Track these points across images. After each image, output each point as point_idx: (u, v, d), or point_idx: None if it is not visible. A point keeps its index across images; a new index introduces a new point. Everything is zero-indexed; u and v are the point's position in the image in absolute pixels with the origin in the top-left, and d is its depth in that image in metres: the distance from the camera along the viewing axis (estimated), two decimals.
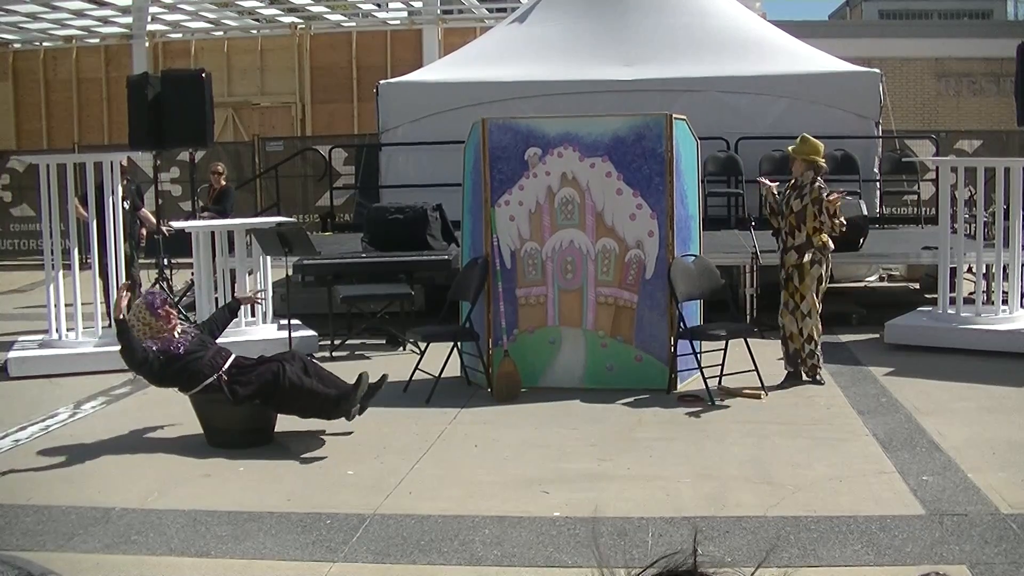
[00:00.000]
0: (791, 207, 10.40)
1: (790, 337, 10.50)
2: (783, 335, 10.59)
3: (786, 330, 10.52)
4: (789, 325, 10.47)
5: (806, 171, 10.42)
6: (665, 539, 6.34)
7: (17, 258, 23.55)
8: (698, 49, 16.81)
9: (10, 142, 27.47)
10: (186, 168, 17.71)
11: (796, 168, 10.53)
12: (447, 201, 13.91)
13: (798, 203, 10.35)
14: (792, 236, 10.40)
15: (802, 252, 10.32)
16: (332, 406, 8.66)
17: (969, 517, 6.67)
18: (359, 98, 26.58)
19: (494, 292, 10.52)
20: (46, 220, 12.11)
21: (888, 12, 62.66)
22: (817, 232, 10.30)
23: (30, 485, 7.80)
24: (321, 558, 6.30)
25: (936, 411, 9.31)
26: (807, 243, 10.30)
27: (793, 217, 10.36)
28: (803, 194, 10.33)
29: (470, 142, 10.81)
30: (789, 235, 10.44)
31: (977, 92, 31.99)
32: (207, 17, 28.83)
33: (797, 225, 10.35)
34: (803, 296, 10.37)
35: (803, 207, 10.30)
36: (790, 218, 10.40)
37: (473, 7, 28.96)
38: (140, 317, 8.70)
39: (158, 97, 13.39)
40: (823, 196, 10.22)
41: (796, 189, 10.44)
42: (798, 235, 10.35)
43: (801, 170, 10.45)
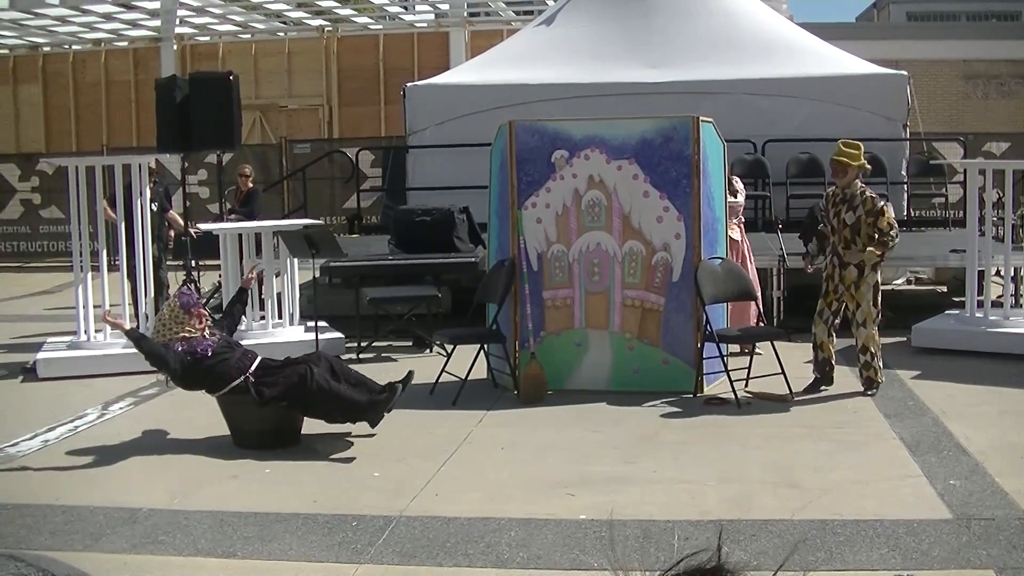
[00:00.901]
0: (843, 220, 9.99)
1: (820, 345, 10.27)
2: (814, 342, 10.38)
3: (817, 338, 10.31)
4: (820, 334, 10.26)
5: (855, 179, 10.04)
6: (691, 542, 6.33)
7: (46, 260, 23.66)
8: (724, 51, 16.77)
9: (40, 144, 27.61)
10: (213, 170, 17.75)
11: (845, 177, 10.01)
12: (474, 203, 13.91)
13: (851, 215, 9.94)
14: (848, 249, 9.98)
15: (862, 267, 9.94)
16: (359, 412, 8.69)
17: (996, 521, 6.64)
18: (386, 100, 26.61)
19: (520, 294, 10.52)
20: (75, 222, 12.17)
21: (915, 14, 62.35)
22: (873, 241, 9.87)
23: (58, 485, 7.84)
24: (347, 560, 6.31)
25: (963, 415, 9.27)
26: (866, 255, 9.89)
27: (848, 231, 9.97)
28: (855, 205, 9.93)
29: (496, 144, 10.82)
30: (845, 248, 10.00)
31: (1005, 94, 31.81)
32: (235, 20, 28.90)
33: (852, 238, 9.96)
34: (859, 304, 10.05)
35: (857, 219, 9.91)
36: (844, 232, 9.99)
37: (500, 10, 28.97)
38: (173, 314, 8.75)
39: (186, 100, 13.42)
40: (878, 207, 9.87)
41: (847, 201, 10.00)
42: (854, 248, 9.94)
43: (851, 178, 10.01)
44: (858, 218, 9.91)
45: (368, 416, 8.69)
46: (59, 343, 12.35)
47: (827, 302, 10.20)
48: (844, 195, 10.04)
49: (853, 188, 10.02)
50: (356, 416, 8.72)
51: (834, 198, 10.15)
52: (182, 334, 8.65)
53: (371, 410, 8.65)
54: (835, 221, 10.07)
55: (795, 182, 16.13)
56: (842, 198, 10.05)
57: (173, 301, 9.00)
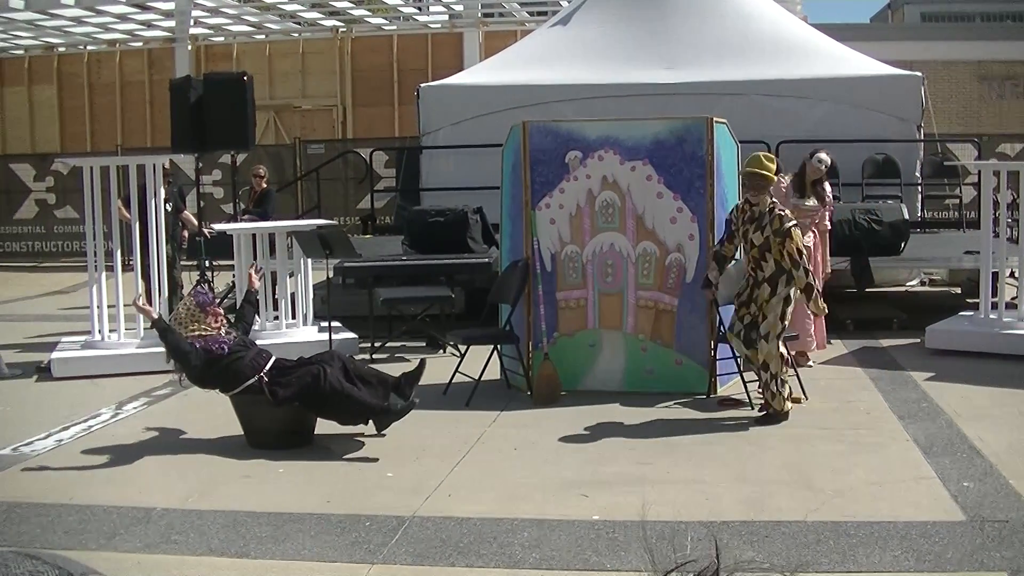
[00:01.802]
0: (751, 241, 9.33)
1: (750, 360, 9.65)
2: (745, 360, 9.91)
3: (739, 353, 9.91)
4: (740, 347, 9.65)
5: (763, 196, 9.36)
6: (704, 543, 6.32)
7: (61, 259, 23.73)
8: (739, 52, 16.75)
9: (54, 145, 27.69)
10: (227, 171, 17.77)
11: (762, 194, 9.33)
12: (487, 204, 13.92)
13: (759, 235, 9.26)
14: (760, 268, 9.33)
15: (775, 283, 9.26)
16: (370, 415, 8.70)
17: (1010, 523, 6.62)
18: (400, 101, 26.64)
19: (534, 295, 10.53)
20: (89, 222, 12.21)
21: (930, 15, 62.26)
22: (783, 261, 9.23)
23: (72, 485, 7.86)
24: (360, 560, 6.32)
25: (977, 416, 9.25)
26: (778, 270, 9.25)
27: (756, 251, 9.32)
28: (763, 224, 9.25)
29: (509, 145, 10.82)
30: (757, 268, 9.36)
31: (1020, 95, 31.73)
32: (249, 21, 28.95)
33: (761, 257, 9.30)
34: (766, 315, 9.31)
35: (765, 239, 9.23)
36: (752, 252, 9.34)
37: (514, 10, 28.98)
38: (190, 313, 8.78)
39: (200, 100, 13.45)
40: (786, 227, 9.18)
41: (755, 220, 9.31)
42: (766, 265, 9.28)
43: (759, 196, 9.33)
44: (766, 238, 9.24)
45: (378, 422, 8.71)
46: (73, 343, 12.39)
47: (739, 316, 9.51)
48: (753, 213, 9.36)
49: (763, 205, 9.35)
50: (367, 418, 8.74)
51: (742, 215, 9.45)
52: (198, 332, 8.68)
53: (382, 415, 8.67)
54: (743, 240, 9.49)
55: None
56: (751, 216, 9.37)
57: (189, 300, 9.04)
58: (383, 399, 8.73)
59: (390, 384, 8.91)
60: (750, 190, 9.35)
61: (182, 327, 8.73)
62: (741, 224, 9.44)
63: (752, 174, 9.27)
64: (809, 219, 11.26)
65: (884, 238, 13.62)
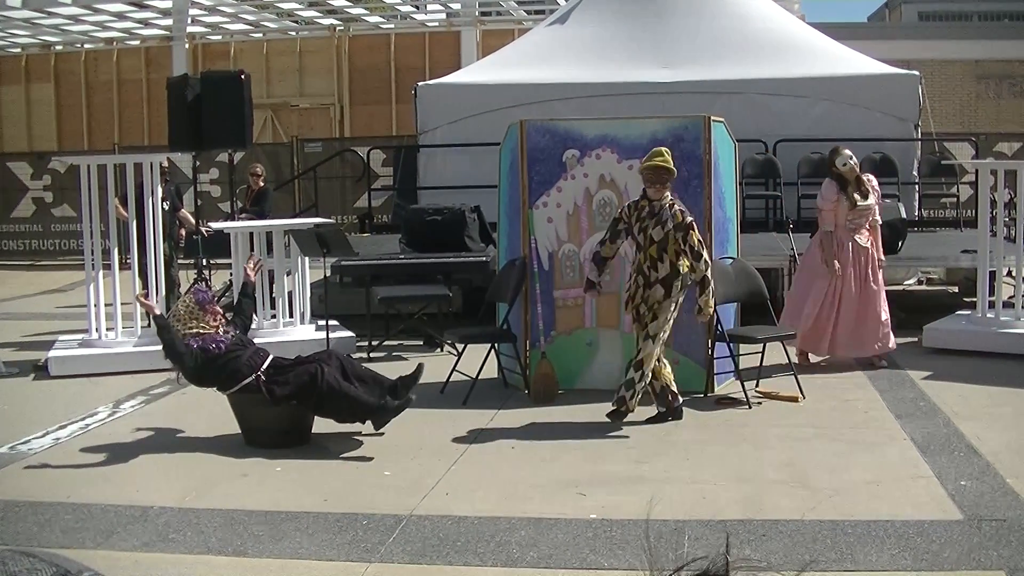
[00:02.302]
0: (651, 237, 9.08)
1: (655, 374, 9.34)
2: None
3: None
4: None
5: (665, 191, 9.13)
6: (702, 542, 6.32)
7: (58, 258, 23.72)
8: (736, 51, 16.76)
9: (51, 143, 27.68)
10: (225, 169, 17.78)
11: (663, 188, 9.10)
12: (485, 202, 13.91)
13: (659, 231, 9.04)
14: (655, 268, 9.11)
15: (669, 285, 9.07)
16: (368, 413, 8.69)
17: (1008, 522, 6.62)
18: (397, 100, 26.64)
19: (531, 294, 10.52)
20: (86, 220, 12.20)
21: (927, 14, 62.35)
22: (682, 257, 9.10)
23: (70, 483, 7.86)
24: (357, 558, 6.32)
25: (975, 415, 9.25)
26: (673, 272, 9.08)
27: (655, 248, 9.09)
28: (663, 220, 9.03)
29: (506, 144, 10.82)
30: (651, 268, 9.13)
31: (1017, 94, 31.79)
32: (246, 19, 28.95)
33: (659, 256, 9.09)
34: (656, 316, 9.10)
35: (665, 235, 9.03)
36: (650, 250, 9.10)
37: (511, 9, 28.97)
38: (188, 310, 8.78)
39: (198, 98, 13.44)
40: (687, 221, 9.02)
41: (655, 215, 9.07)
42: (661, 266, 9.08)
43: (661, 192, 9.11)
44: (667, 234, 9.02)
45: (375, 419, 8.69)
46: (71, 341, 12.38)
47: (643, 325, 9.24)
48: (652, 208, 9.11)
49: (663, 200, 9.11)
50: (365, 416, 8.73)
51: (639, 211, 9.17)
52: (196, 330, 8.69)
53: (379, 414, 8.66)
54: (640, 237, 9.17)
55: (806, 182, 16.07)
56: (650, 211, 9.11)
57: (188, 298, 9.05)
58: (380, 398, 8.73)
59: (387, 386, 8.91)
60: (653, 184, 9.07)
61: (181, 324, 8.74)
62: (636, 221, 9.18)
63: (657, 168, 9.04)
64: (865, 218, 11.18)
65: (881, 237, 13.60)
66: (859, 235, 11.13)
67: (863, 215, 11.11)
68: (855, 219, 11.05)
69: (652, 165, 9.09)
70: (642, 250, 9.20)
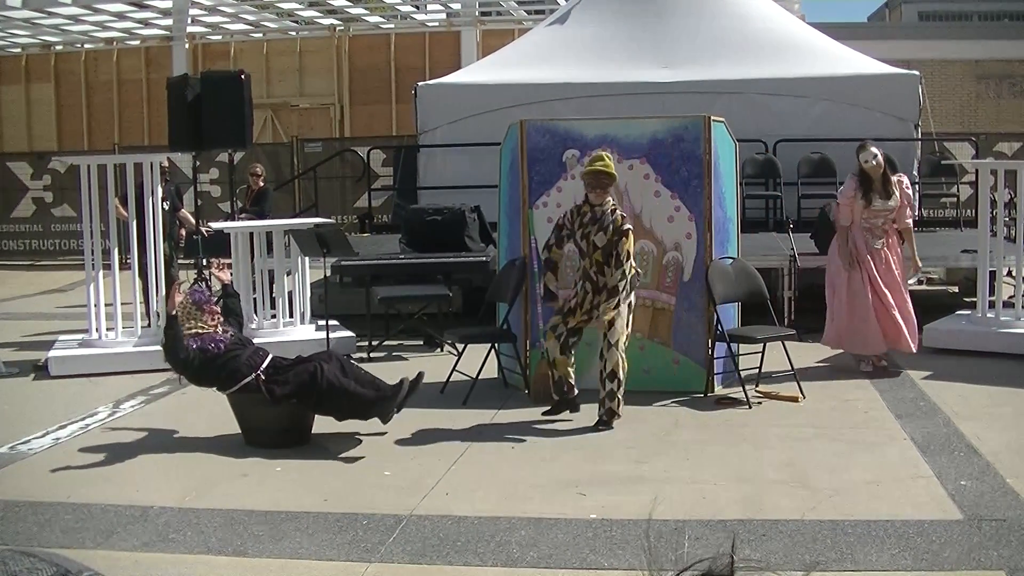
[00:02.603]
0: (594, 243, 9.08)
1: (554, 363, 9.31)
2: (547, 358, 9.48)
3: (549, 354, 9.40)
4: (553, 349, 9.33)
5: (607, 196, 9.17)
6: (702, 542, 6.32)
7: (58, 258, 23.72)
8: (736, 51, 16.76)
9: (51, 143, 27.68)
10: (225, 169, 17.78)
11: (605, 194, 9.14)
12: (485, 202, 13.91)
13: (602, 237, 9.04)
14: (602, 273, 9.11)
15: (616, 293, 9.02)
16: (369, 408, 8.69)
17: (1007, 522, 6.62)
18: (397, 99, 26.64)
19: (532, 294, 10.51)
20: (87, 220, 12.20)
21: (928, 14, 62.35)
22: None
23: (69, 483, 7.86)
24: (357, 558, 6.32)
25: (975, 415, 9.25)
26: (620, 276, 9.04)
27: (599, 254, 9.08)
28: (605, 225, 9.05)
29: (506, 144, 10.81)
30: (598, 273, 9.13)
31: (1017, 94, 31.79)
32: (246, 19, 28.96)
33: (605, 261, 9.07)
34: (612, 323, 9.00)
35: (608, 241, 9.03)
36: (595, 256, 9.10)
37: (511, 9, 28.98)
38: (186, 311, 8.79)
39: (198, 98, 13.44)
40: (624, 228, 9.02)
41: (597, 221, 9.10)
42: (608, 271, 9.08)
43: (602, 197, 9.14)
44: (610, 239, 9.03)
45: (379, 412, 8.68)
46: (71, 341, 12.38)
47: (564, 320, 9.29)
48: (595, 214, 9.12)
49: (605, 205, 9.15)
50: (367, 412, 8.72)
51: (581, 217, 9.20)
52: (194, 330, 8.69)
53: (381, 406, 8.64)
54: (584, 244, 9.19)
55: (806, 182, 16.12)
56: (592, 217, 9.13)
57: (186, 298, 9.04)
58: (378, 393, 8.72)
59: (385, 389, 8.90)
60: (594, 190, 9.09)
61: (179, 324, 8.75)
62: (579, 227, 9.21)
63: (598, 172, 9.05)
64: (882, 219, 10.84)
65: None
66: (874, 236, 10.84)
67: (879, 216, 10.81)
68: (869, 219, 10.80)
69: (593, 170, 9.10)
70: (587, 256, 9.20)
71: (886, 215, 10.83)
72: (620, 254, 8.99)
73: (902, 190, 10.91)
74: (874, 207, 10.76)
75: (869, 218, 10.81)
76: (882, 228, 10.88)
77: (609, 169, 9.08)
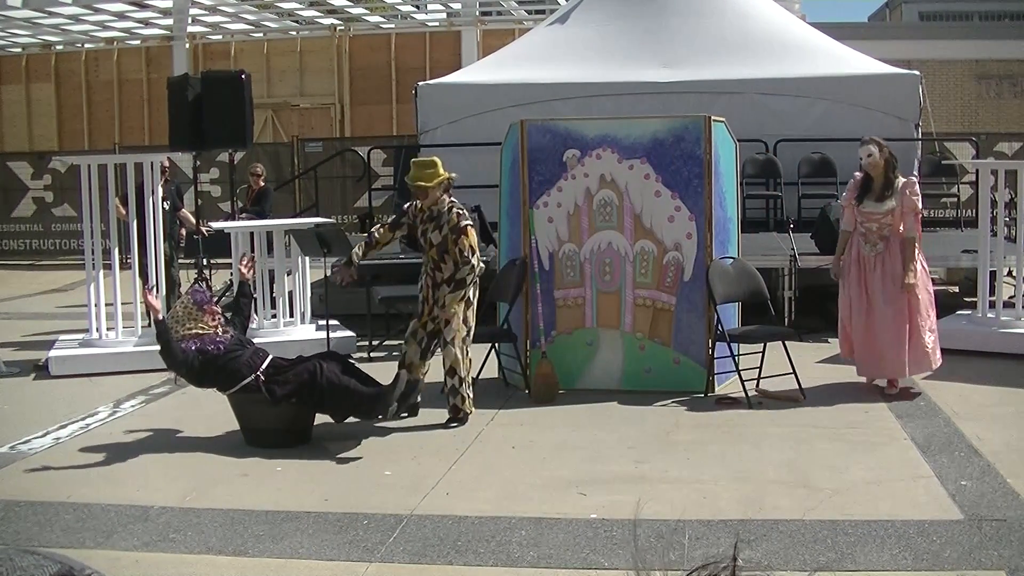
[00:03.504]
0: (430, 240, 9.35)
1: (409, 367, 9.46)
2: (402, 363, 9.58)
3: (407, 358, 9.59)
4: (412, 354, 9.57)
5: (441, 196, 9.37)
6: (702, 542, 6.32)
7: (58, 257, 23.73)
8: (737, 51, 16.75)
9: (52, 143, 27.70)
10: (225, 169, 17.79)
11: (428, 198, 9.32)
12: (486, 202, 13.90)
13: (437, 235, 9.31)
14: (439, 269, 9.37)
15: (452, 283, 9.29)
16: (369, 405, 8.69)
17: (1008, 522, 6.63)
18: (398, 99, 26.65)
19: (532, 293, 10.52)
20: (87, 220, 12.20)
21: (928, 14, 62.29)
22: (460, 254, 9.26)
23: (70, 483, 7.86)
24: (358, 558, 6.32)
25: (975, 415, 9.25)
26: (456, 270, 9.29)
27: (435, 251, 9.35)
28: (441, 224, 9.30)
29: (507, 143, 10.82)
30: (435, 269, 9.40)
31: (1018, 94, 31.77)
32: (247, 19, 28.96)
33: (441, 257, 9.34)
34: (448, 321, 9.29)
35: (443, 238, 9.29)
36: (431, 253, 9.36)
37: (512, 9, 28.98)
38: (187, 311, 8.79)
39: (198, 98, 13.44)
40: (461, 225, 9.25)
41: (434, 219, 9.33)
42: (445, 267, 9.33)
43: (435, 197, 9.34)
44: (444, 237, 9.29)
45: (380, 408, 8.68)
46: (71, 341, 12.38)
47: (422, 323, 9.56)
48: (431, 212, 9.37)
49: (441, 205, 9.35)
50: (368, 410, 8.72)
51: (421, 215, 9.44)
52: (195, 331, 8.69)
53: (381, 400, 8.64)
54: (423, 240, 9.45)
55: (807, 182, 16.12)
56: (429, 215, 9.38)
57: (187, 298, 9.06)
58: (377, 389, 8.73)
59: (384, 389, 8.90)
60: (418, 196, 9.36)
61: (179, 325, 8.74)
62: (420, 224, 9.45)
63: (416, 188, 9.33)
64: (876, 224, 10.09)
65: None
66: (868, 242, 10.13)
67: (872, 219, 10.09)
68: (864, 222, 10.13)
69: (412, 185, 9.39)
70: (426, 253, 9.44)
71: (879, 219, 10.05)
72: (463, 250, 9.20)
73: (906, 196, 10.05)
74: (864, 209, 10.14)
75: (864, 221, 10.13)
76: (877, 234, 10.08)
77: (419, 182, 9.27)
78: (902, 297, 9.95)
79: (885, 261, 10.04)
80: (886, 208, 10.03)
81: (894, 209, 10.02)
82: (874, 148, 10.19)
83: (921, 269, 10.11)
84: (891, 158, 10.32)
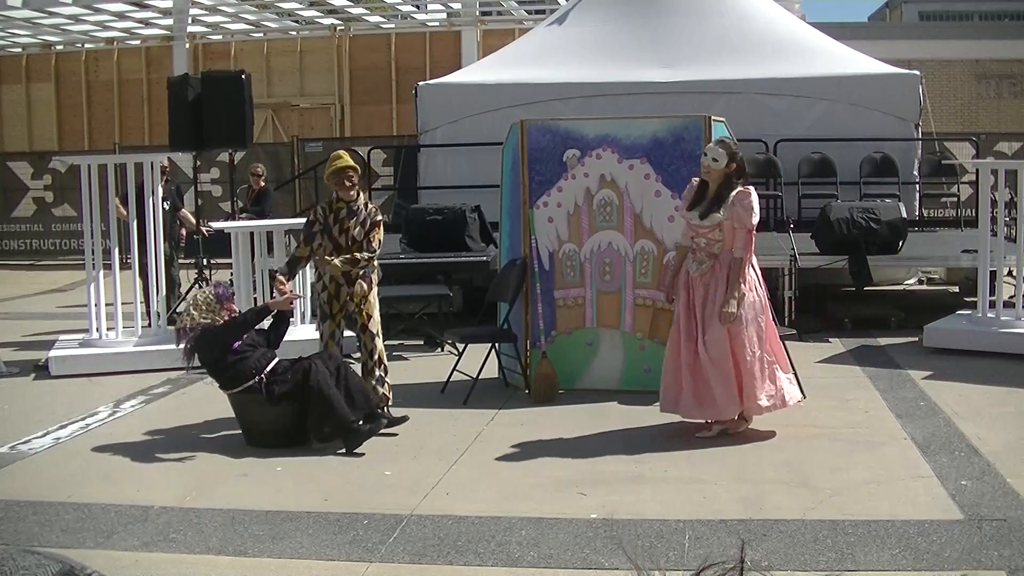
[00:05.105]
0: (353, 237, 9.27)
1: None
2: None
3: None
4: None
5: (354, 190, 9.33)
6: (702, 542, 6.32)
7: (58, 257, 23.75)
8: (737, 51, 16.76)
9: (52, 143, 27.70)
10: (225, 169, 17.80)
11: (349, 193, 9.26)
12: (485, 202, 13.92)
13: (360, 231, 9.26)
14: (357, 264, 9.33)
15: (368, 278, 9.36)
16: (339, 429, 8.58)
17: (1008, 522, 6.62)
18: (398, 99, 26.65)
19: (532, 293, 10.52)
20: (87, 220, 12.20)
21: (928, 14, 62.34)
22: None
23: (70, 483, 7.86)
24: (358, 558, 6.32)
25: (975, 415, 9.25)
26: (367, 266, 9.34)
27: (356, 247, 9.27)
28: (362, 220, 9.28)
29: (508, 144, 10.82)
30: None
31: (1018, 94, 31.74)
32: (247, 19, 28.95)
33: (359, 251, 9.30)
34: (370, 315, 9.39)
35: (365, 233, 9.29)
36: (352, 248, 9.27)
37: (512, 9, 28.97)
38: (207, 300, 8.83)
39: (198, 98, 13.45)
40: (377, 219, 9.32)
41: (354, 216, 9.29)
42: None
43: (354, 194, 9.33)
44: (366, 233, 9.28)
45: (347, 438, 8.58)
46: (71, 341, 12.38)
47: (336, 323, 9.49)
48: (351, 208, 9.32)
49: (360, 201, 9.40)
50: (337, 431, 8.59)
51: (336, 213, 9.32)
52: (209, 322, 8.72)
53: (352, 435, 8.55)
54: (342, 238, 9.28)
55: (807, 182, 16.13)
56: (348, 212, 9.30)
57: (209, 289, 9.13)
58: (357, 419, 8.66)
59: (373, 405, 8.89)
60: (342, 186, 9.28)
61: (197, 312, 8.77)
62: (335, 223, 9.31)
63: (341, 169, 9.29)
64: (704, 239, 8.63)
65: (882, 237, 13.63)
66: (695, 260, 8.71)
67: (700, 234, 8.63)
68: (694, 236, 8.70)
69: (335, 169, 9.34)
70: (343, 250, 9.29)
71: (705, 234, 8.57)
72: (371, 241, 9.27)
73: (735, 208, 8.46)
74: (692, 220, 8.69)
75: (693, 235, 8.71)
76: (705, 251, 8.62)
77: (350, 163, 9.36)
78: (722, 328, 8.52)
79: (710, 284, 8.61)
80: (713, 221, 8.51)
81: (722, 223, 8.48)
82: (722, 153, 8.52)
83: (755, 297, 8.62)
84: (737, 171, 8.60)
